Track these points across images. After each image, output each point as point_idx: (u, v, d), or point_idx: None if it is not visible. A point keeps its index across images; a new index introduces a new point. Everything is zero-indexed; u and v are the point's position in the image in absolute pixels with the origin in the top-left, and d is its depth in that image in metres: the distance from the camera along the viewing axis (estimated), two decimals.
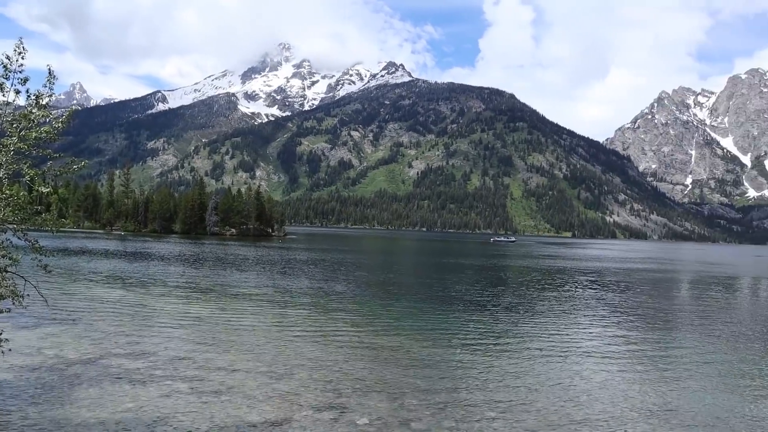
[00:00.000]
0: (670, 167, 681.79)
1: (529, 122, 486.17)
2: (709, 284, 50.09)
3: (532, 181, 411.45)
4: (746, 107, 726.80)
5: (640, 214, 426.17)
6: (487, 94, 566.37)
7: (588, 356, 17.69)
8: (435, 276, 46.79)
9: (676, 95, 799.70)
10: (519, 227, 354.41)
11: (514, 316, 25.10)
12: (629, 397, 13.35)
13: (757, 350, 19.68)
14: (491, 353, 17.40)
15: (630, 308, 29.73)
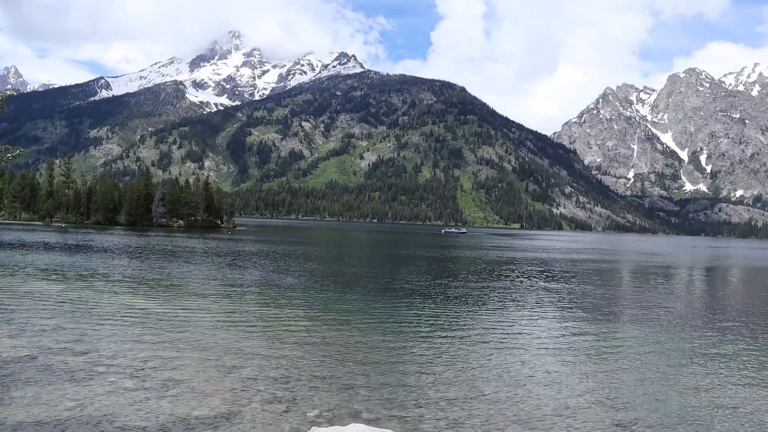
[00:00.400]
0: (613, 161, 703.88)
1: (480, 115, 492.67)
2: (650, 274, 52.04)
3: (482, 173, 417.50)
4: (684, 105, 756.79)
5: (585, 206, 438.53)
6: (438, 87, 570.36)
7: (537, 346, 18.07)
8: (386, 267, 46.91)
9: (620, 92, 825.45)
10: (469, 219, 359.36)
11: (464, 307, 25.35)
12: (575, 386, 13.71)
13: (693, 337, 20.53)
14: (443, 344, 17.54)
15: (576, 298, 30.53)
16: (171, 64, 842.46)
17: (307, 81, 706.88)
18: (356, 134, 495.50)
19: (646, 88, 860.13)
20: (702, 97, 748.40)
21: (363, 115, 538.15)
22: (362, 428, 8.95)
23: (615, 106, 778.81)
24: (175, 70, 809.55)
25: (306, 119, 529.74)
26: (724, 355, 17.59)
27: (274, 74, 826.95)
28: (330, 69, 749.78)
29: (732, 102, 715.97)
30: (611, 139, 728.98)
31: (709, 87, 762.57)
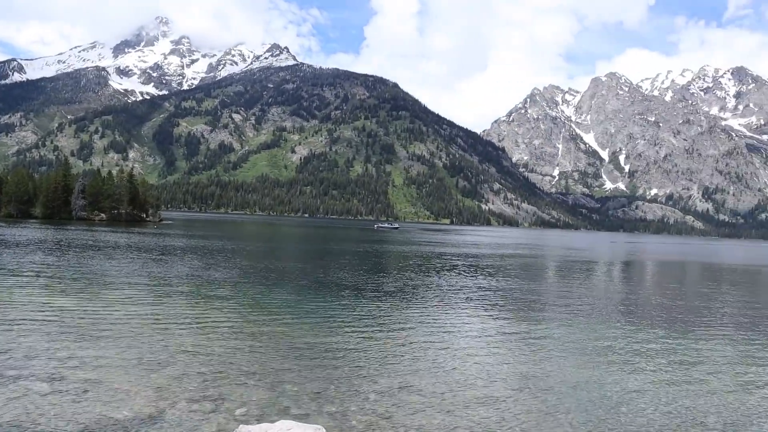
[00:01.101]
0: (540, 159, 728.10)
1: (412, 111, 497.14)
2: (573, 268, 54.09)
3: (413, 169, 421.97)
4: (605, 107, 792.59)
5: (512, 202, 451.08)
6: (371, 82, 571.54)
7: (465, 338, 18.51)
8: (318, 262, 46.48)
9: (547, 92, 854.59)
10: (400, 214, 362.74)
11: (396, 302, 25.47)
12: (502, 375, 14.22)
13: (611, 328, 21.59)
14: (373, 338, 17.64)
15: (504, 292, 31.21)
16: (93, 48, 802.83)
17: (238, 72, 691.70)
18: (288, 128, 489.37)
19: (571, 89, 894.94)
20: (621, 100, 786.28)
21: (295, 109, 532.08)
22: (291, 424, 8.88)
23: (542, 106, 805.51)
24: (97, 56, 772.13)
25: (237, 111, 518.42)
26: (640, 344, 18.63)
27: (204, 64, 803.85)
28: (262, 60, 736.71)
29: (648, 106, 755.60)
30: (538, 137, 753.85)
31: (628, 91, 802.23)
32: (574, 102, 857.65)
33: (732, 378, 15.07)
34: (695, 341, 19.91)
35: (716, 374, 15.36)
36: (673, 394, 13.44)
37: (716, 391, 13.69)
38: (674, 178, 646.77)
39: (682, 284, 45.96)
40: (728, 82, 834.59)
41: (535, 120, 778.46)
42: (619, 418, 11.61)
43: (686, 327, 22.85)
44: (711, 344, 19.56)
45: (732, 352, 18.46)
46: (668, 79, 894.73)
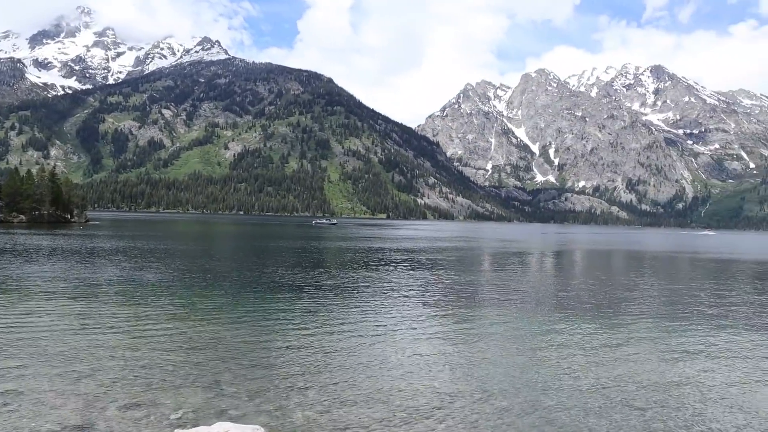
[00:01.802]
0: (473, 153, 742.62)
1: (347, 107, 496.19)
2: (507, 259, 55.88)
3: (349, 164, 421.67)
4: (535, 102, 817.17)
5: (447, 196, 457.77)
6: (305, 77, 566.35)
7: (405, 332, 18.80)
8: (254, 260, 45.93)
9: (479, 88, 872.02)
10: (336, 209, 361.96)
11: (335, 298, 25.52)
12: (441, 366, 14.58)
13: (545, 314, 22.57)
14: (312, 336, 17.63)
15: (441, 284, 31.85)
16: (6, 38, 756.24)
17: (168, 66, 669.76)
18: (221, 123, 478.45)
19: (503, 85, 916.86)
20: (550, 95, 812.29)
21: (228, 104, 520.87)
22: (228, 426, 8.76)
23: (475, 101, 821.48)
24: (11, 46, 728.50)
25: (166, 106, 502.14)
26: (572, 330, 19.47)
27: (131, 57, 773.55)
28: (192, 54, 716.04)
29: (575, 101, 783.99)
30: (471, 132, 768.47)
31: (556, 87, 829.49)
32: (505, 97, 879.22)
33: (656, 357, 16.17)
34: (622, 325, 21.10)
35: (641, 354, 16.45)
36: (603, 374, 14.27)
37: (642, 371, 14.65)
38: (600, 170, 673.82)
39: (609, 272, 48.06)
40: (648, 80, 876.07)
41: (469, 115, 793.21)
42: (554, 401, 12.16)
43: (613, 312, 24.15)
44: (636, 327, 20.80)
45: (655, 333, 19.70)
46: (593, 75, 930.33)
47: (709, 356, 16.73)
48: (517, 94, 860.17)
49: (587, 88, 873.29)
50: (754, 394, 13.14)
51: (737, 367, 15.56)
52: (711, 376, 14.54)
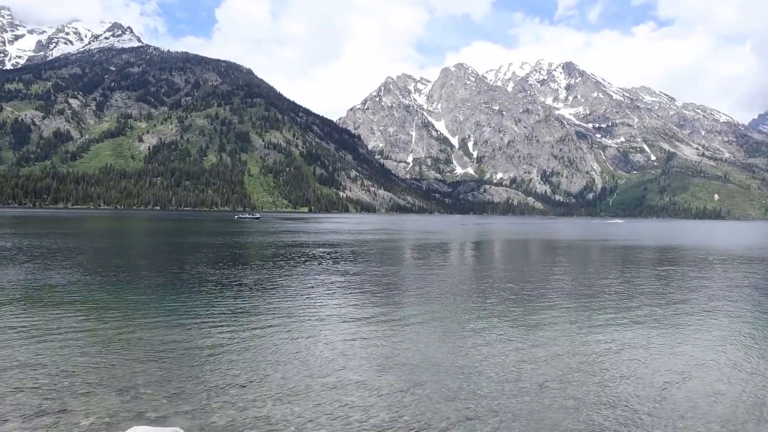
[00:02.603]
0: (394, 146, 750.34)
1: (267, 99, 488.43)
2: (428, 250, 56.93)
3: (270, 157, 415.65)
4: (454, 96, 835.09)
5: (369, 189, 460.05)
6: (224, 68, 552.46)
7: (327, 325, 18.83)
8: (172, 257, 44.21)
9: (400, 81, 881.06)
10: (257, 203, 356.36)
11: (255, 293, 25.18)
12: (364, 358, 14.83)
13: (465, 303, 23.38)
14: (233, 333, 17.29)
15: (363, 276, 32.11)
16: None
17: (75, 52, 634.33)
18: (134, 114, 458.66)
19: (423, 79, 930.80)
20: (469, 89, 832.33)
21: (141, 94, 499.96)
22: (145, 429, 8.50)
23: (395, 94, 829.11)
24: None
25: (74, 95, 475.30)
26: (492, 317, 19.99)
27: (31, 41, 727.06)
28: (102, 41, 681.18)
29: (493, 95, 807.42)
30: (392, 125, 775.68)
31: (475, 81, 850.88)
32: (425, 91, 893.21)
33: (572, 340, 17.52)
34: (541, 310, 22.60)
35: (557, 338, 17.77)
36: (522, 359, 15.36)
37: (558, 354, 15.86)
38: (517, 162, 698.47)
39: (527, 260, 50.08)
40: (560, 76, 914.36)
41: (390, 108, 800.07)
42: (477, 387, 12.86)
43: (532, 298, 25.70)
44: (552, 313, 22.26)
45: (572, 317, 21.13)
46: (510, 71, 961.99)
47: (619, 336, 18.45)
48: (437, 88, 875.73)
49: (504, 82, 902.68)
50: (658, 369, 14.41)
51: (643, 345, 17.33)
52: (620, 355, 16.09)
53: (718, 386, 13.51)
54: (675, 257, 55.48)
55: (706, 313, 23.02)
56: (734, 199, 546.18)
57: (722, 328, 20.35)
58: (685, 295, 28.13)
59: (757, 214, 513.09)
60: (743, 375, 14.51)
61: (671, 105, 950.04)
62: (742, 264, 48.13)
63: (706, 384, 13.68)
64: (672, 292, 29.04)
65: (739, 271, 41.63)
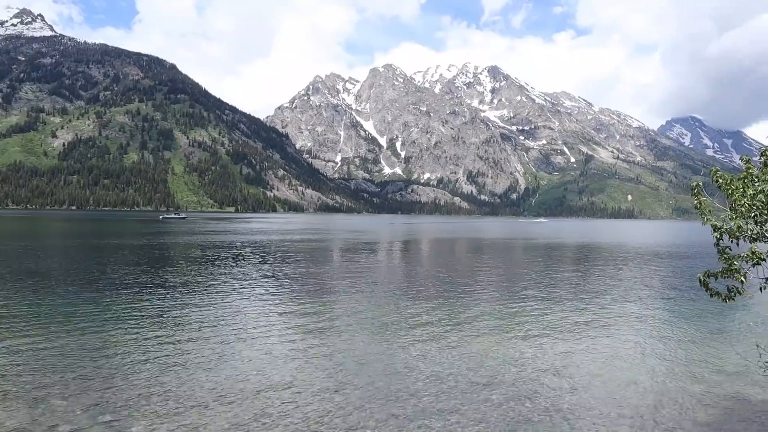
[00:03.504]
0: (323, 146, 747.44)
1: (191, 95, 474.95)
2: (356, 249, 57.52)
3: (195, 156, 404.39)
4: (383, 96, 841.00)
5: (297, 188, 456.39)
6: (146, 62, 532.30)
7: (253, 327, 18.81)
8: (93, 260, 41.72)
9: (329, 80, 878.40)
10: (182, 203, 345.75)
11: (179, 296, 24.71)
12: (291, 359, 14.96)
13: (392, 301, 23.79)
14: (155, 338, 16.84)
15: (290, 277, 31.93)
16: None
17: None
18: (47, 109, 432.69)
19: (352, 78, 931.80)
20: (397, 90, 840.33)
21: (55, 87, 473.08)
22: None
23: (324, 93, 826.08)
24: None
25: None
26: (419, 316, 20.33)
27: None
28: (9, 28, 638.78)
29: (420, 97, 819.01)
30: (321, 124, 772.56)
31: (403, 82, 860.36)
32: (354, 91, 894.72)
33: (494, 339, 18.07)
34: (465, 310, 23.25)
35: (482, 336, 18.41)
36: (449, 357, 15.84)
37: (483, 352, 16.34)
38: (443, 163, 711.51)
39: (453, 259, 51.18)
40: (485, 79, 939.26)
41: (318, 107, 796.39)
42: (403, 387, 13.21)
43: (456, 298, 26.44)
44: (479, 311, 23.01)
45: (494, 317, 21.71)
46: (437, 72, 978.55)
47: (543, 332, 19.39)
48: (366, 88, 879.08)
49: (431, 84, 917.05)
50: (578, 362, 15.06)
51: (565, 340, 18.34)
52: (544, 350, 16.97)
53: (632, 376, 14.58)
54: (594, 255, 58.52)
55: (621, 308, 24.69)
56: (645, 199, 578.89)
57: (635, 321, 21.94)
58: (602, 291, 30.00)
59: (666, 213, 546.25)
60: (654, 364, 15.76)
61: (589, 110, 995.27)
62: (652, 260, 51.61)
63: (621, 374, 14.72)
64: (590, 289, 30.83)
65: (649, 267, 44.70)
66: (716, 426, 11.58)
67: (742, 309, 24.62)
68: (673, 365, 15.70)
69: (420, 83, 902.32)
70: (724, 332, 20.28)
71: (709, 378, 14.57)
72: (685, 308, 25.14)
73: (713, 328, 20.83)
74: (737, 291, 7.83)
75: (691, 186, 8.62)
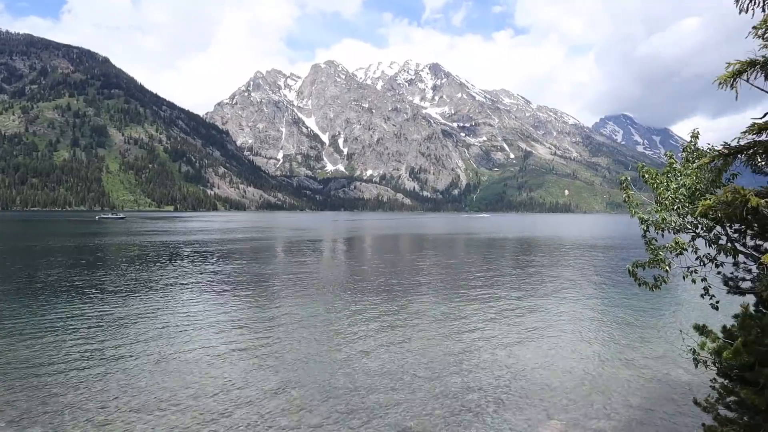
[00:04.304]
0: (264, 143, 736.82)
1: (126, 90, 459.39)
2: (300, 247, 57.31)
3: (131, 153, 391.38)
4: (325, 93, 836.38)
5: (238, 186, 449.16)
6: (76, 55, 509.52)
7: (195, 329, 18.57)
8: (23, 263, 39.20)
9: (270, 76, 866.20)
10: (118, 202, 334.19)
11: (116, 299, 23.93)
12: (233, 360, 14.89)
13: (336, 300, 23.72)
14: (89, 342, 16.50)
15: (233, 277, 31.47)
16: None
17: None
18: None
19: (293, 74, 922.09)
20: (339, 87, 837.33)
21: None
22: None
23: (265, 90, 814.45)
24: None
25: None
26: (362, 313, 20.55)
27: None
28: None
29: (362, 93, 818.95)
30: (262, 121, 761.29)
31: (345, 79, 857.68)
32: (296, 87, 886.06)
33: (437, 333, 18.39)
34: (408, 305, 23.61)
35: (424, 330, 18.71)
36: (393, 351, 16.09)
37: (426, 345, 16.65)
38: (386, 159, 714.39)
39: (396, 255, 51.27)
40: (427, 76, 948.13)
41: (259, 103, 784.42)
42: (347, 382, 13.36)
43: (400, 293, 26.74)
44: (422, 306, 23.35)
45: (437, 311, 22.00)
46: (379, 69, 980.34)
47: (484, 325, 19.89)
48: (307, 84, 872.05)
49: (373, 81, 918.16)
50: (519, 353, 15.35)
51: (505, 332, 18.88)
52: (485, 342, 17.42)
53: (570, 364, 15.38)
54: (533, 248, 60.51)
55: (559, 300, 25.86)
56: (581, 194, 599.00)
57: (572, 312, 22.98)
58: (541, 284, 31.24)
59: (600, 207, 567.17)
60: (589, 352, 16.64)
61: (527, 107, 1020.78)
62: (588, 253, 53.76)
63: (560, 363, 15.50)
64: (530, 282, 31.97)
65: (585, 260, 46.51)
66: (646, 407, 12.24)
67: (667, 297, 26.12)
68: (607, 352, 16.59)
69: (362, 80, 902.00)
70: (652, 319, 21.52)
71: (639, 363, 15.50)
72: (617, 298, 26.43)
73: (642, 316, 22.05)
74: (663, 280, 8.19)
75: (619, 180, 8.97)
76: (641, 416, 11.75)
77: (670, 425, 11.33)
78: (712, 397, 7.52)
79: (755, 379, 6.47)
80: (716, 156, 6.83)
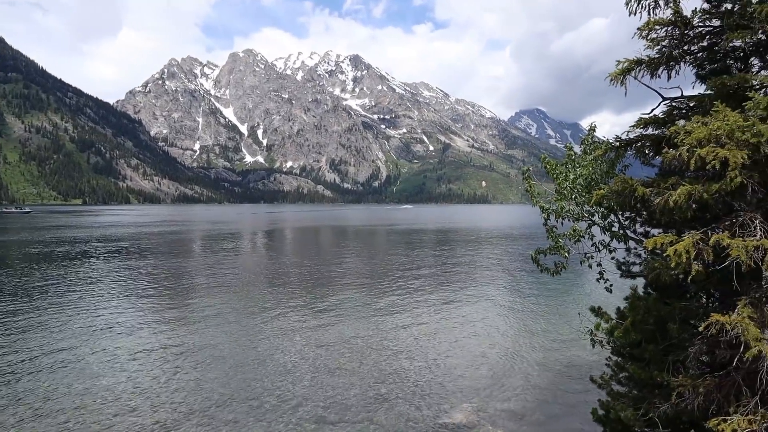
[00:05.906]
0: (180, 133, 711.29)
1: (26, 74, 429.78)
2: (218, 241, 56.51)
3: (32, 143, 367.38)
4: (243, 82, 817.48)
5: (153, 178, 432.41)
6: None
7: (109, 328, 18.27)
8: None
9: (185, 64, 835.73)
10: (18, 196, 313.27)
11: (24, 300, 23.06)
12: (150, 359, 14.71)
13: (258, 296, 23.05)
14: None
15: (147, 271, 30.85)
16: None
17: None
18: None
19: (210, 63, 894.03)
20: (258, 77, 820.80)
21: None
22: None
23: (180, 78, 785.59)
24: None
25: None
26: (284, 306, 20.69)
27: None
28: None
29: (282, 84, 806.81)
30: (177, 110, 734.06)
31: (264, 68, 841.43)
32: (213, 76, 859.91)
33: (358, 324, 18.37)
34: (329, 296, 23.93)
35: (346, 322, 18.63)
36: (314, 344, 16.20)
37: (347, 337, 16.70)
38: (306, 151, 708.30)
39: (317, 247, 51.65)
40: (347, 67, 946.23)
41: (174, 92, 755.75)
42: (264, 377, 13.46)
43: (321, 285, 27.06)
44: (343, 297, 23.60)
45: (358, 302, 21.91)
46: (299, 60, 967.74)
47: (404, 315, 20.51)
48: (225, 74, 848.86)
49: (293, 71, 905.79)
50: (434, 341, 16.05)
51: (424, 322, 19.49)
52: (404, 332, 17.95)
53: (483, 350, 16.36)
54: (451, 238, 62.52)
55: (473, 288, 27.18)
56: (498, 186, 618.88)
57: (485, 299, 24.21)
58: (457, 272, 32.59)
59: (516, 198, 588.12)
60: (501, 339, 17.72)
61: (446, 100, 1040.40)
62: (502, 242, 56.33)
63: (474, 349, 16.42)
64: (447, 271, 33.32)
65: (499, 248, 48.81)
66: (550, 388, 13.26)
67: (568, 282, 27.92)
68: (518, 337, 17.73)
69: (282, 70, 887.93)
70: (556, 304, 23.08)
71: (545, 345, 16.69)
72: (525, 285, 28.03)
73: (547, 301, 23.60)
74: (563, 266, 8.64)
75: (522, 171, 9.57)
76: (546, 396, 12.67)
77: (572, 402, 12.28)
78: (606, 374, 7.94)
79: (642, 356, 6.85)
80: (609, 148, 7.04)
